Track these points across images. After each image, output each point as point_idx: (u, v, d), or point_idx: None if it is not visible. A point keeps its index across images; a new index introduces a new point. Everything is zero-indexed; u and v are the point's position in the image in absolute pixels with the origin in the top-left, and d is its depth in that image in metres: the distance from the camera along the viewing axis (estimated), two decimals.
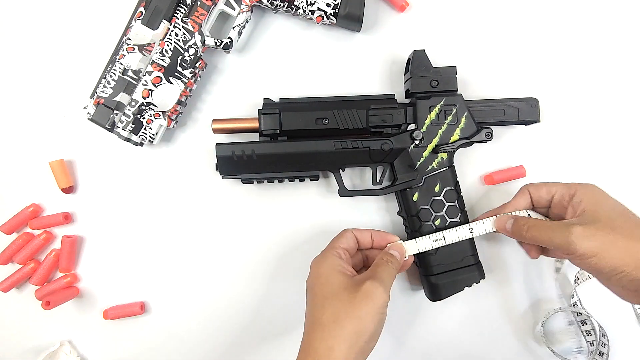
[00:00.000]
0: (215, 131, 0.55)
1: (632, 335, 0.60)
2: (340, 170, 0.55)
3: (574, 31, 0.60)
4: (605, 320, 0.58)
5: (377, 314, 0.45)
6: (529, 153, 0.60)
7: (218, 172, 0.54)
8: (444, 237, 0.52)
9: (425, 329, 0.60)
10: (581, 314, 0.58)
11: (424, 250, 0.53)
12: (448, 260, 0.53)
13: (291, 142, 0.53)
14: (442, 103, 0.53)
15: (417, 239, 0.53)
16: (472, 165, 0.60)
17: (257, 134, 0.55)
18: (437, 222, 0.53)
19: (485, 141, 0.54)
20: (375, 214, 0.60)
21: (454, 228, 0.53)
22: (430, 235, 0.53)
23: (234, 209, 0.59)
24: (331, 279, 0.47)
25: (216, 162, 0.53)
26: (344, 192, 0.55)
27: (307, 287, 0.50)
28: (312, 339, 0.45)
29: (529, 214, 0.51)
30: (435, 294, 0.54)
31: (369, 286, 0.45)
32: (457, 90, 0.54)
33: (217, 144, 0.53)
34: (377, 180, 0.56)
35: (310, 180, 0.56)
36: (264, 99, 0.55)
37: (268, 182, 0.55)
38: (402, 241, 0.53)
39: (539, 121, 0.55)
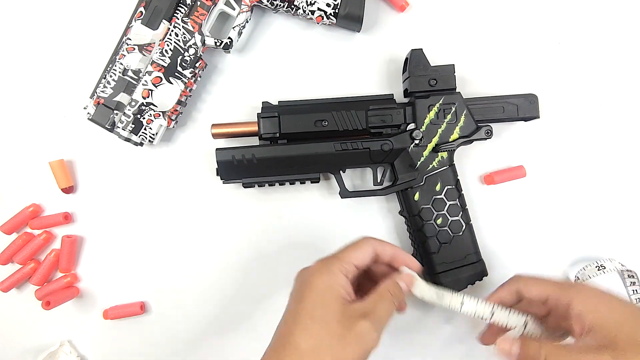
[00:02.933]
0: (215, 136, 0.55)
1: None
2: (341, 172, 0.55)
3: (572, 26, 0.60)
4: None
5: (362, 359, 0.39)
6: (529, 151, 0.60)
7: (219, 177, 0.54)
8: (462, 303, 0.46)
9: (428, 327, 0.59)
10: None
11: (427, 298, 0.47)
12: (451, 259, 0.53)
13: (291, 145, 0.53)
14: (441, 102, 0.53)
15: (431, 285, 0.47)
16: (472, 165, 0.60)
17: (257, 137, 0.55)
18: (439, 221, 0.53)
19: (485, 139, 0.54)
20: (376, 215, 0.60)
21: (468, 298, 0.47)
22: (445, 292, 0.47)
23: (234, 210, 0.59)
24: (327, 301, 0.40)
25: (217, 167, 0.53)
26: (345, 193, 0.55)
27: (295, 294, 0.43)
28: (282, 356, 0.39)
29: (525, 322, 0.46)
30: None
31: (364, 329, 0.39)
32: (455, 89, 0.54)
33: (217, 149, 0.53)
34: (378, 181, 0.56)
35: (311, 183, 0.56)
36: (263, 102, 0.55)
37: (269, 185, 0.55)
38: (416, 275, 0.46)
39: (539, 117, 0.55)
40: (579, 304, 0.41)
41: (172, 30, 0.53)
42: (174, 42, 0.53)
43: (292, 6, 0.54)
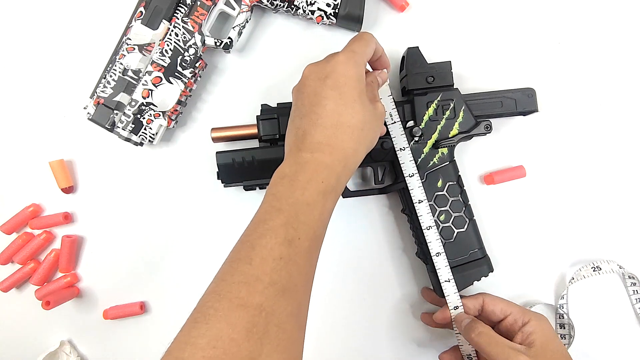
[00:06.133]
0: (215, 140, 0.55)
1: (632, 335, 0.60)
2: None
3: (572, 26, 0.60)
4: (605, 320, 0.58)
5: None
6: (529, 151, 0.59)
7: (220, 181, 0.54)
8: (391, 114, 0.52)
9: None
10: (563, 316, 0.58)
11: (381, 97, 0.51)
12: (455, 256, 0.53)
13: None
14: (439, 98, 0.53)
15: (392, 99, 0.52)
16: (472, 165, 0.60)
17: (257, 140, 0.55)
18: (442, 218, 0.53)
19: (485, 133, 0.54)
20: (378, 213, 0.60)
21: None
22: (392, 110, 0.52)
23: (234, 209, 0.59)
24: (361, 86, 0.44)
25: (217, 170, 0.53)
26: (346, 192, 0.55)
27: (326, 83, 0.44)
28: (338, 139, 0.42)
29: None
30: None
31: (380, 107, 0.46)
32: (453, 85, 0.54)
33: (217, 152, 0.53)
34: (379, 180, 0.56)
35: None
36: (262, 104, 0.55)
37: None
38: (388, 81, 0.52)
39: (537, 111, 0.55)
40: (534, 326, 0.48)
41: (172, 30, 0.53)
42: (174, 42, 0.53)
43: (292, 6, 0.55)
